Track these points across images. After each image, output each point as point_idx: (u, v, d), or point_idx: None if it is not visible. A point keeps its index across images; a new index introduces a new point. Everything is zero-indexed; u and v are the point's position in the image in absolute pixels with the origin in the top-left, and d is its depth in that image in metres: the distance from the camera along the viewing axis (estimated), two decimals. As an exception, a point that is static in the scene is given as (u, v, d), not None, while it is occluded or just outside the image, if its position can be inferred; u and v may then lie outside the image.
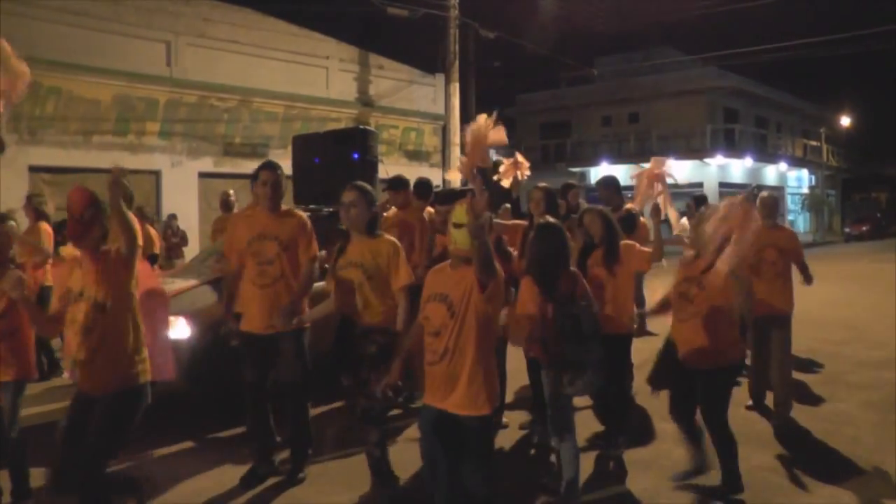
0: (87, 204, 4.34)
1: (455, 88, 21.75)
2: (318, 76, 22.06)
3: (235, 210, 11.06)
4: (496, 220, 6.87)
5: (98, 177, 17.06)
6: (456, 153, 21.59)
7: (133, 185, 6.40)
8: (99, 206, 4.37)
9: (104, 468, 4.38)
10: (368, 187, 5.43)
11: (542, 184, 6.97)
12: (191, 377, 6.70)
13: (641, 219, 10.76)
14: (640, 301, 11.70)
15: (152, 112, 18.18)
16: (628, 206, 8.02)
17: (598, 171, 39.90)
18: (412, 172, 10.20)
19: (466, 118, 23.00)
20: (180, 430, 6.98)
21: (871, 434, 6.77)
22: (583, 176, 39.79)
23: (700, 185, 36.25)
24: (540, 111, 45.55)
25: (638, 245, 6.25)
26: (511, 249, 6.47)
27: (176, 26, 18.62)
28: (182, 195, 18.15)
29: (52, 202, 10.54)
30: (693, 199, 12.06)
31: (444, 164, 22.27)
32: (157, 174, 18.30)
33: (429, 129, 25.27)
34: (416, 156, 24.55)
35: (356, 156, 9.49)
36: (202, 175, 18.95)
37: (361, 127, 10.41)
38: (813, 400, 8.04)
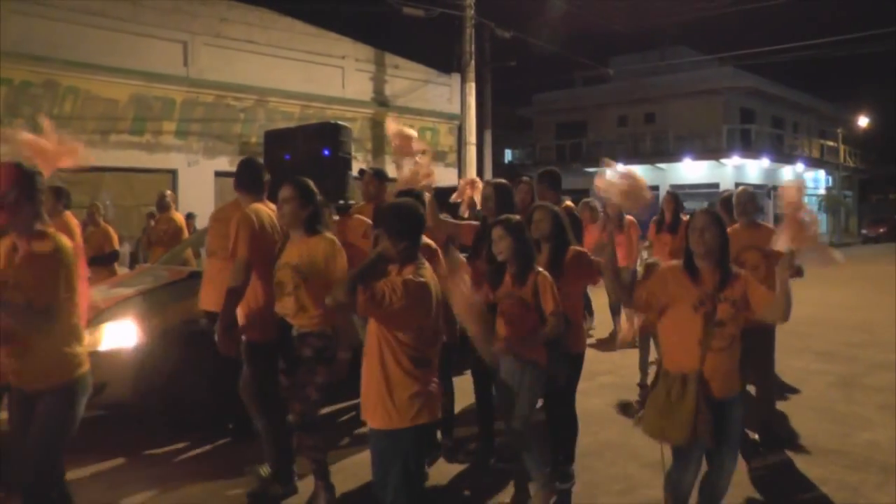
0: (11, 183, 3.80)
1: (471, 88, 21.74)
2: (333, 76, 22.13)
3: (173, 210, 10.78)
4: (445, 218, 6.43)
5: (115, 175, 17.22)
6: (472, 153, 21.59)
7: (148, 184, 6.42)
8: (26, 184, 3.84)
9: (54, 474, 3.97)
10: (307, 182, 5.10)
11: (497, 180, 6.50)
12: (137, 388, 6.42)
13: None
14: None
15: (169, 111, 18.28)
16: (567, 203, 7.33)
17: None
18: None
19: (482, 117, 23.06)
20: (118, 445, 6.52)
21: (889, 438, 6.71)
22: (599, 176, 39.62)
23: (716, 185, 36.17)
24: (556, 111, 45.53)
25: (588, 253, 5.60)
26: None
27: (193, 26, 18.71)
28: (198, 194, 18.21)
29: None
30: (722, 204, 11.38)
31: (460, 164, 22.26)
32: (173, 173, 18.40)
33: (444, 129, 25.31)
34: (431, 156, 24.56)
35: (327, 152, 9.18)
36: (218, 174, 19.02)
37: (333, 122, 10.07)
38: (829, 403, 8.00)
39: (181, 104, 18.49)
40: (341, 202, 7.37)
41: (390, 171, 7.36)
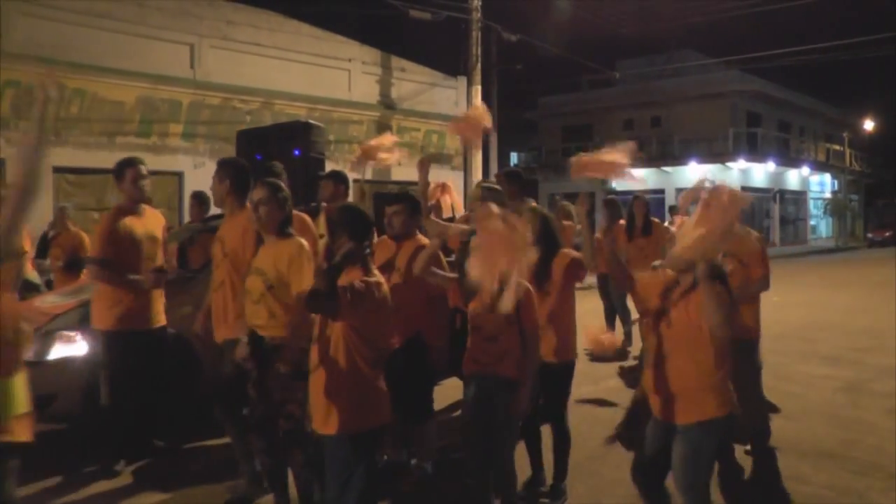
0: None
1: (477, 91, 21.74)
2: (340, 78, 22.14)
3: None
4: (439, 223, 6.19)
5: (121, 178, 17.23)
6: (478, 156, 21.60)
7: (155, 186, 6.39)
8: None
9: None
10: (281, 184, 4.92)
11: (487, 182, 6.28)
12: (87, 400, 6.03)
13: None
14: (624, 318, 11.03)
15: (175, 114, 18.30)
16: (532, 204, 6.87)
17: (620, 175, 39.87)
18: (434, 175, 10.06)
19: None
20: (67, 461, 6.13)
21: (895, 443, 6.71)
22: (604, 179, 39.64)
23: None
24: (562, 114, 45.60)
25: (572, 252, 5.29)
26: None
27: (199, 29, 18.74)
28: (204, 196, 18.19)
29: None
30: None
31: (466, 167, 22.26)
32: (179, 175, 18.40)
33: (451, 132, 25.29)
34: (437, 158, 24.57)
35: (297, 152, 8.82)
36: (224, 176, 19.01)
37: (304, 121, 9.72)
38: (835, 408, 7.98)
39: (188, 106, 18.51)
40: (312, 204, 7.13)
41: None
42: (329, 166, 9.32)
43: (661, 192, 37.92)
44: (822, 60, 32.85)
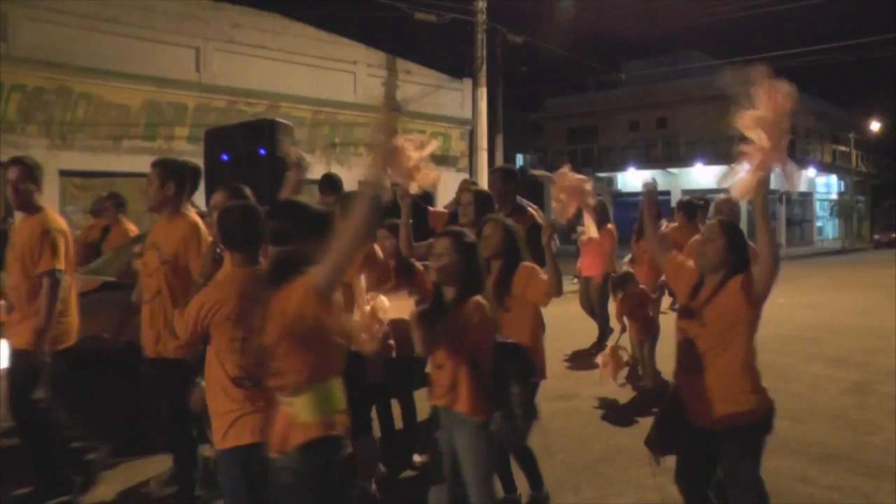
0: None
1: (482, 93, 21.71)
2: (345, 81, 22.13)
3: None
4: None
5: (127, 181, 17.25)
6: (483, 158, 21.57)
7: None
8: None
9: None
10: (243, 189, 4.67)
11: (477, 186, 6.01)
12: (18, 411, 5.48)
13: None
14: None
15: (181, 117, 18.32)
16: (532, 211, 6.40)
17: (626, 177, 39.90)
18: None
19: (494, 123, 23.04)
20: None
21: (902, 444, 6.69)
22: (610, 181, 39.67)
23: (727, 191, 36.06)
24: (567, 116, 45.58)
25: (540, 270, 4.73)
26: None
27: (205, 32, 18.76)
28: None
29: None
30: (681, 207, 10.74)
31: (471, 170, 22.25)
32: (185, 178, 18.42)
33: (456, 134, 25.30)
34: (443, 161, 24.55)
35: (263, 152, 8.28)
36: (230, 179, 19.00)
37: (270, 119, 9.35)
38: (842, 409, 7.96)
39: (193, 109, 18.53)
40: None
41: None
42: (333, 168, 9.14)
43: (667, 193, 37.85)
44: (827, 61, 32.84)
